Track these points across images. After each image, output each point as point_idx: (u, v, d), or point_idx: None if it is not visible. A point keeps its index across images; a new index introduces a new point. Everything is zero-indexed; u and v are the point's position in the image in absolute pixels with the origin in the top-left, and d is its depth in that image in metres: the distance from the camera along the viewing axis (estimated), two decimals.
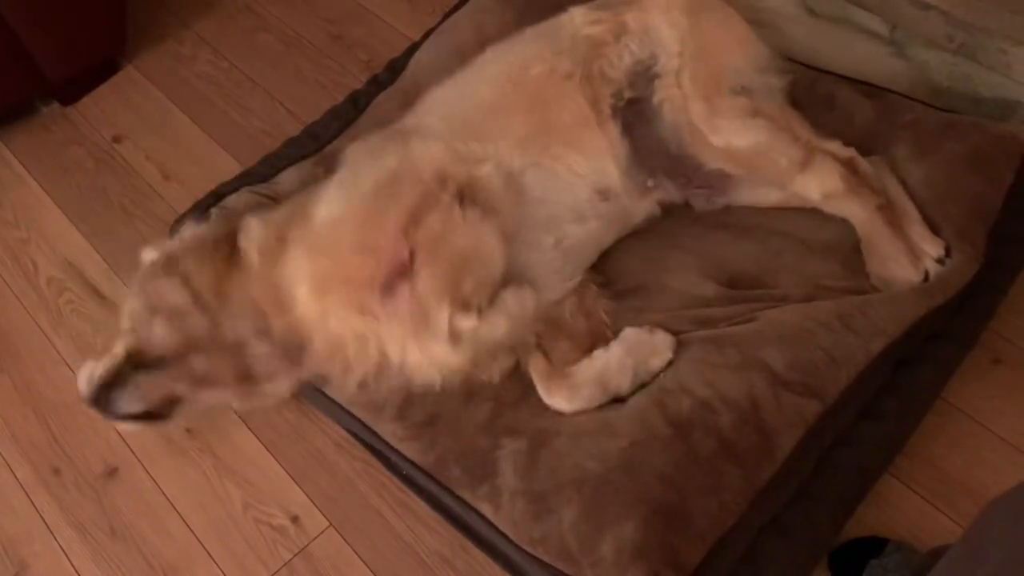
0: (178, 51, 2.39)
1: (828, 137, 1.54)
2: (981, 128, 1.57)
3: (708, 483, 1.23)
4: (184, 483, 1.66)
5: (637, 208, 1.57)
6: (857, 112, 1.65)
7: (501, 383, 1.42)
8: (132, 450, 1.71)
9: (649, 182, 1.55)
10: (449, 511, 1.42)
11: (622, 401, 1.37)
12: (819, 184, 1.50)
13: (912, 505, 1.45)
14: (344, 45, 2.33)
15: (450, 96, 1.57)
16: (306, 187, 1.55)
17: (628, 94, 1.54)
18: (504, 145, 1.45)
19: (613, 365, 1.38)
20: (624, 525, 1.20)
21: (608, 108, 1.52)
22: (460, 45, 1.79)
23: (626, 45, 1.55)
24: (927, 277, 1.44)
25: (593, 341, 1.44)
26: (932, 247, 1.46)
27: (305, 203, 1.44)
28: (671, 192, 1.58)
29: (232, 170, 1.96)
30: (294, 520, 1.58)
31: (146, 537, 1.61)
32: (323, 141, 1.87)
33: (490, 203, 1.38)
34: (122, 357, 1.36)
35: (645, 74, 1.55)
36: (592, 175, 1.51)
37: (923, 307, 1.40)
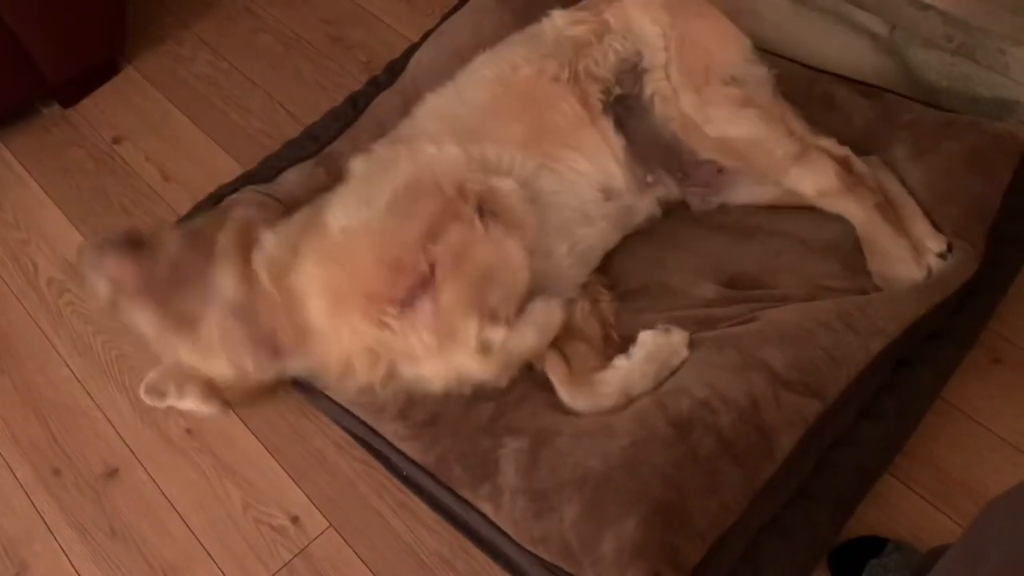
0: (178, 52, 2.39)
1: (823, 134, 1.54)
2: (979, 127, 1.57)
3: (708, 482, 1.23)
4: (184, 483, 1.66)
5: (639, 206, 1.57)
6: (855, 112, 1.66)
7: (504, 387, 1.42)
8: (132, 451, 1.71)
9: (648, 177, 1.56)
10: (449, 511, 1.42)
11: None
12: (813, 179, 1.50)
13: (912, 505, 1.45)
14: (343, 46, 2.33)
15: (445, 102, 1.57)
16: (314, 196, 1.54)
17: (617, 91, 1.55)
18: (509, 148, 1.45)
19: (636, 373, 1.38)
20: (624, 524, 1.20)
21: (599, 105, 1.53)
22: (459, 46, 1.79)
23: (610, 44, 1.56)
24: (930, 274, 1.45)
25: (606, 343, 1.45)
26: (934, 243, 1.47)
27: (318, 214, 1.42)
28: (670, 188, 1.59)
29: (232, 171, 1.96)
30: (294, 520, 1.58)
31: (146, 537, 1.61)
32: (323, 142, 1.87)
33: (513, 216, 1.38)
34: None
35: (632, 71, 1.56)
36: (595, 173, 1.51)
37: (922, 306, 1.40)
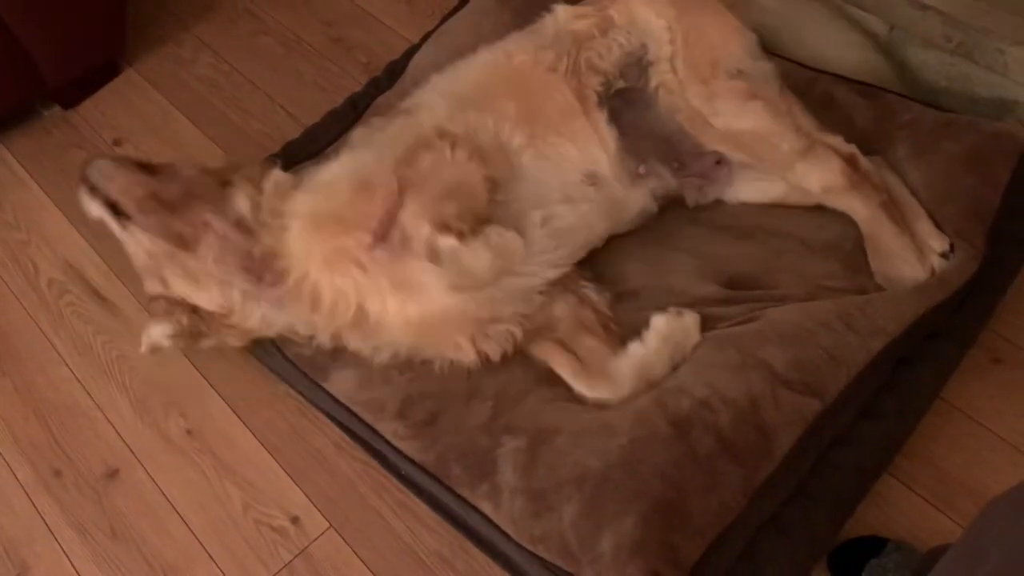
0: (178, 54, 2.40)
1: (830, 131, 1.54)
2: (977, 127, 1.57)
3: (707, 481, 1.24)
4: (184, 484, 1.66)
5: (630, 198, 1.57)
6: (855, 112, 1.66)
7: (501, 384, 1.42)
8: (132, 451, 1.71)
9: (641, 168, 1.56)
10: (449, 511, 1.42)
11: None
12: (819, 175, 1.50)
13: (912, 505, 1.45)
14: (343, 48, 2.33)
15: (443, 82, 1.62)
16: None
17: (619, 84, 1.56)
18: (497, 118, 1.50)
19: (652, 356, 1.40)
20: (623, 522, 1.20)
21: (594, 97, 1.54)
22: (458, 47, 1.79)
23: (614, 39, 1.57)
24: (933, 273, 1.45)
25: (608, 333, 1.46)
26: (937, 242, 1.47)
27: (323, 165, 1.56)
28: (665, 179, 1.58)
29: None
30: (294, 521, 1.58)
31: (146, 538, 1.61)
32: (322, 144, 1.87)
33: (480, 152, 1.44)
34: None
35: (637, 64, 1.57)
36: (580, 160, 1.52)
37: (923, 305, 1.40)
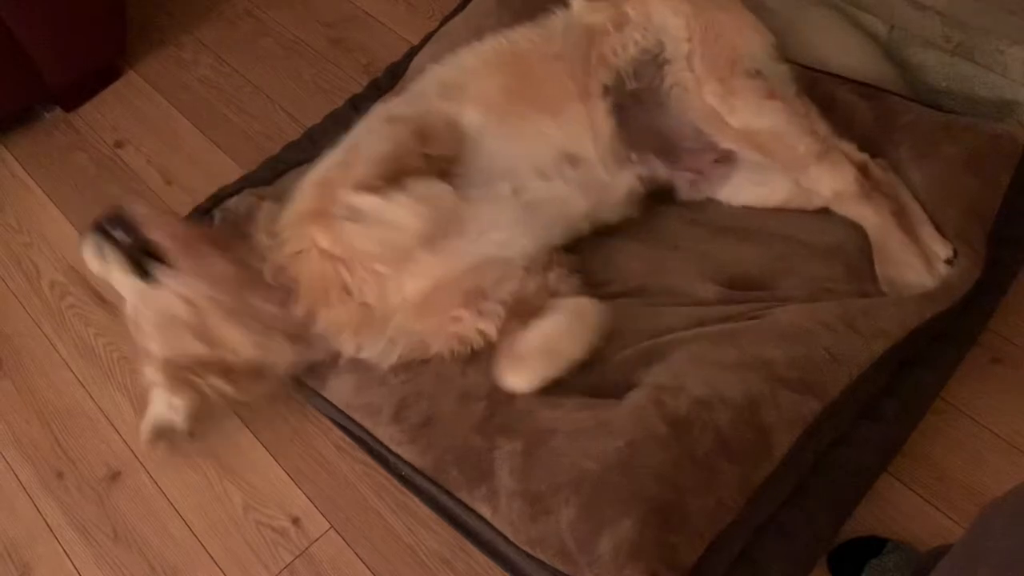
0: (179, 56, 2.40)
1: (845, 138, 1.54)
2: (976, 129, 1.57)
3: (706, 481, 1.23)
4: (185, 486, 1.66)
5: (616, 182, 1.56)
6: (856, 114, 1.65)
7: (493, 382, 1.41)
8: (134, 453, 1.72)
9: (633, 156, 1.56)
10: (449, 512, 1.42)
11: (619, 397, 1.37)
12: (832, 180, 1.50)
13: (911, 505, 1.45)
14: (344, 49, 2.34)
15: (441, 68, 1.65)
16: None
17: (632, 85, 1.56)
18: (471, 101, 1.53)
19: (557, 331, 1.39)
20: (622, 524, 1.20)
21: (599, 88, 1.54)
22: (459, 48, 1.79)
23: (630, 36, 1.56)
24: (940, 281, 1.45)
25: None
26: (941, 248, 1.47)
27: None
28: (656, 169, 1.58)
29: (233, 174, 1.97)
30: (295, 522, 1.59)
31: (148, 540, 1.62)
32: (323, 145, 1.87)
33: (424, 129, 1.47)
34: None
35: (653, 62, 1.56)
36: (561, 139, 1.53)
37: (927, 311, 1.40)
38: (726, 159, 1.60)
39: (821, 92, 1.68)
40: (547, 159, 1.52)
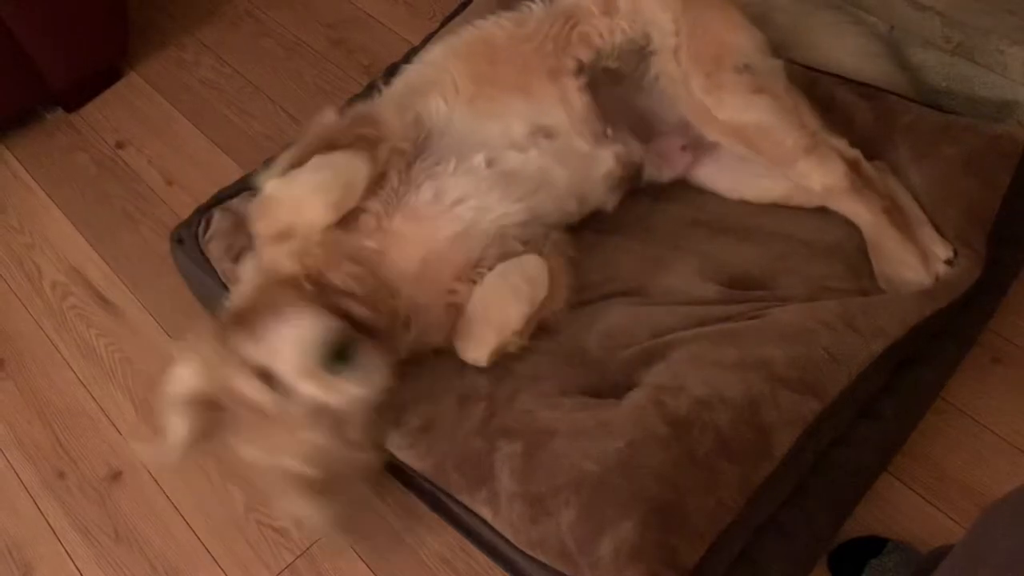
0: (180, 57, 2.41)
1: (836, 134, 1.54)
2: (976, 130, 1.57)
3: (706, 482, 1.23)
4: (187, 486, 1.66)
5: (596, 156, 1.56)
6: (856, 114, 1.65)
7: (491, 382, 1.41)
8: (135, 453, 1.72)
9: (608, 131, 1.56)
10: (450, 513, 1.43)
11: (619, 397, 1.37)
12: (821, 174, 1.50)
13: (911, 505, 1.45)
14: (345, 50, 2.34)
15: (410, 65, 1.67)
16: None
17: (610, 64, 1.57)
18: (435, 90, 1.53)
19: (497, 294, 1.39)
20: (622, 525, 1.20)
21: (573, 64, 1.55)
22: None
23: (618, 24, 1.57)
24: (938, 280, 1.45)
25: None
26: (941, 249, 1.47)
27: None
28: (631, 147, 1.58)
29: (234, 174, 1.97)
30: (296, 522, 1.59)
31: (150, 540, 1.62)
32: None
33: (365, 115, 1.49)
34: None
35: (639, 52, 1.57)
36: (533, 114, 1.53)
37: (927, 310, 1.40)
38: (691, 147, 1.61)
39: (821, 92, 1.68)
40: (520, 132, 1.52)
